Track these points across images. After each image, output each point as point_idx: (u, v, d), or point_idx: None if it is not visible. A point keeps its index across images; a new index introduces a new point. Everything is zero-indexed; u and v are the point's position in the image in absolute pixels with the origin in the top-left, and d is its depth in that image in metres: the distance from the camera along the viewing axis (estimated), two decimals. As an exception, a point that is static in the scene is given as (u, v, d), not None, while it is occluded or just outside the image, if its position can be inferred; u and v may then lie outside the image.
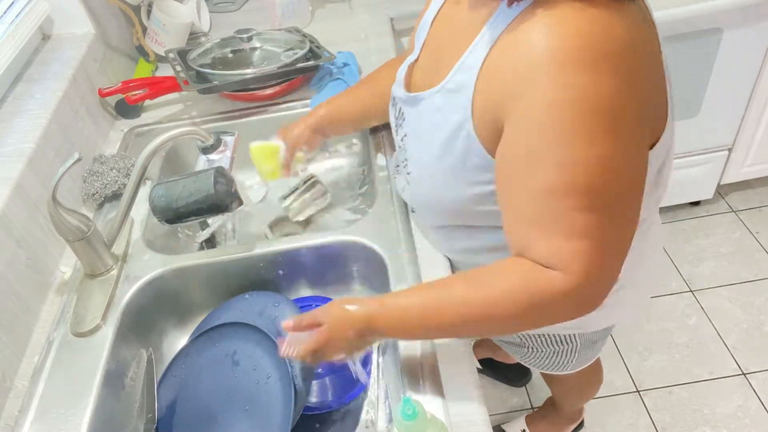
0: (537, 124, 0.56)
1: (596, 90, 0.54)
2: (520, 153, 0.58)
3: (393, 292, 0.78)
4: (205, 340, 0.82)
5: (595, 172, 0.56)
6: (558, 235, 0.58)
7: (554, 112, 0.55)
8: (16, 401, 0.78)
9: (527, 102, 0.56)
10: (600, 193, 0.56)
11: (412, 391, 0.72)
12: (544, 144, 0.56)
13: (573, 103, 0.54)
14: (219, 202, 0.82)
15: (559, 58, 0.53)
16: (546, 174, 0.57)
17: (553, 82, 0.54)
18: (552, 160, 0.56)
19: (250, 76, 1.16)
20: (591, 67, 0.53)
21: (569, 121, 0.54)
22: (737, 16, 1.52)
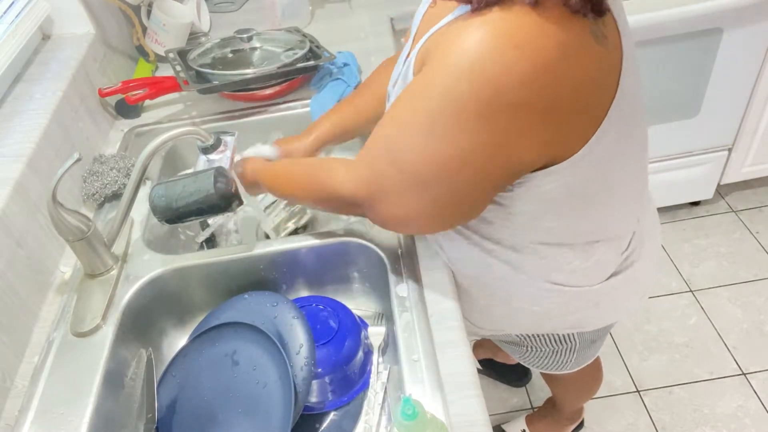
0: (413, 85, 0.65)
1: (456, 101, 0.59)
2: (403, 92, 0.67)
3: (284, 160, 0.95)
4: (205, 340, 0.82)
5: (409, 147, 0.64)
6: (366, 155, 0.71)
7: (420, 87, 0.63)
8: (16, 401, 0.78)
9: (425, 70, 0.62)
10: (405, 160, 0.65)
11: (412, 391, 0.72)
12: (403, 100, 0.65)
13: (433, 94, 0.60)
14: (219, 202, 0.82)
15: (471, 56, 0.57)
16: (389, 119, 0.67)
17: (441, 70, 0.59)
18: (397, 114, 0.66)
19: (250, 76, 1.16)
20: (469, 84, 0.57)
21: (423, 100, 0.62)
22: (737, 16, 1.52)
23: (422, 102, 0.62)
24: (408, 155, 0.65)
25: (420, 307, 0.80)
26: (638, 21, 1.49)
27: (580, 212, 0.74)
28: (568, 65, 0.57)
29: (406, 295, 0.82)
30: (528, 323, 0.94)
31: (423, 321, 0.78)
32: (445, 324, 0.78)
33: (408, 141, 0.64)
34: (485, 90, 0.57)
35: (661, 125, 1.76)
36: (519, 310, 0.89)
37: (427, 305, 0.80)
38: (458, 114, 0.59)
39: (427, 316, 0.79)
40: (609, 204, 0.76)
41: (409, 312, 0.80)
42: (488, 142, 0.60)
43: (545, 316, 0.90)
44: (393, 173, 0.67)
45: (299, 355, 0.79)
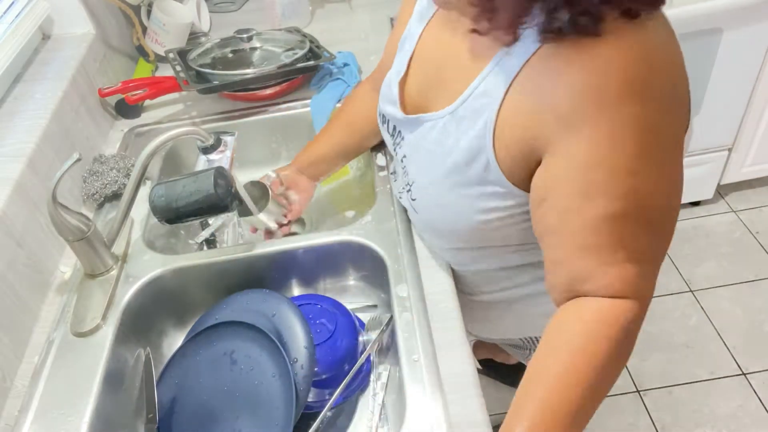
0: (591, 159, 0.56)
1: (645, 124, 0.54)
2: (575, 186, 0.57)
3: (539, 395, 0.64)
4: (202, 339, 0.82)
5: (655, 197, 0.57)
6: (625, 260, 0.58)
7: (608, 148, 0.55)
8: (16, 401, 0.78)
9: (577, 138, 0.55)
10: (659, 217, 0.58)
11: (412, 391, 0.72)
12: (600, 178, 0.56)
13: (625, 139, 0.54)
14: (219, 202, 0.81)
15: (604, 95, 0.54)
16: (610, 203, 0.56)
17: (603, 119, 0.54)
18: (614, 190, 0.56)
19: (250, 76, 1.16)
20: (637, 100, 0.53)
21: (624, 156, 0.55)
22: (737, 16, 1.52)
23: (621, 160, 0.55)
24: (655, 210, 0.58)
25: (420, 307, 0.80)
26: (638, 21, 1.49)
27: None
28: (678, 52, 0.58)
29: (406, 295, 0.82)
30: (538, 329, 0.94)
31: (423, 321, 0.78)
32: (445, 324, 0.78)
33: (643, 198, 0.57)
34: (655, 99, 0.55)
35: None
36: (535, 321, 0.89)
37: (427, 305, 0.80)
38: (654, 136, 0.55)
39: (427, 316, 0.79)
40: None
41: (409, 312, 0.80)
42: (679, 138, 0.58)
43: None
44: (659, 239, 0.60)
45: (299, 354, 0.79)
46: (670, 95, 0.56)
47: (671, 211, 0.60)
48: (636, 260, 0.58)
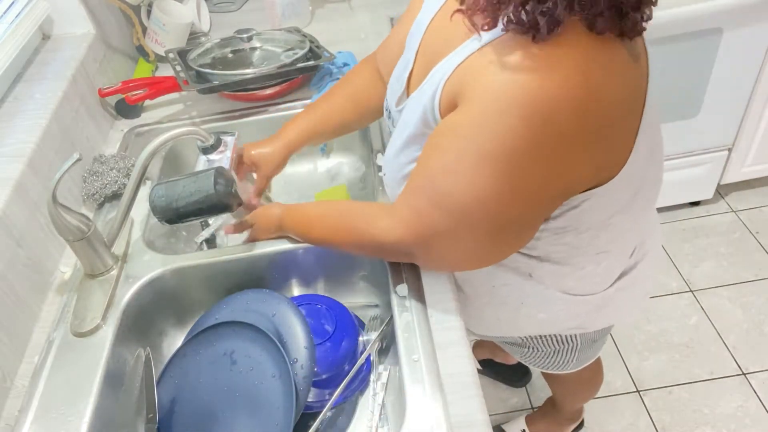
0: (457, 126, 0.61)
1: (513, 143, 0.57)
2: (436, 136, 0.65)
3: (308, 203, 0.92)
4: (202, 340, 0.82)
5: (462, 193, 0.62)
6: (405, 200, 0.70)
7: (472, 131, 0.59)
8: (16, 401, 0.78)
9: (467, 107, 0.60)
10: (454, 207, 0.64)
11: (412, 392, 0.72)
12: (449, 143, 0.62)
13: (489, 138, 0.58)
14: (219, 202, 0.81)
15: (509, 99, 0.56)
16: (432, 163, 0.65)
17: (491, 111, 0.57)
18: (444, 159, 0.63)
19: (250, 76, 1.16)
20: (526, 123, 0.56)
21: (475, 146, 0.59)
22: (737, 16, 1.52)
23: (468, 142, 0.60)
24: (456, 197, 0.63)
25: (420, 307, 0.80)
26: (638, 21, 1.49)
27: (602, 226, 0.74)
28: (612, 89, 0.57)
29: (406, 295, 0.82)
30: (532, 328, 0.94)
31: (423, 321, 0.78)
32: (445, 324, 0.78)
33: (455, 183, 0.62)
34: (537, 123, 0.55)
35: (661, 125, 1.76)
36: (526, 316, 0.89)
37: (427, 305, 0.80)
38: (511, 151, 0.57)
39: (427, 316, 0.79)
40: (629, 216, 0.76)
41: (409, 312, 0.80)
42: (541, 175, 0.60)
43: (549, 321, 0.90)
44: (441, 216, 0.65)
45: (299, 354, 0.79)
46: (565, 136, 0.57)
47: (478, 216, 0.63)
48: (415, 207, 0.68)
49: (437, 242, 0.69)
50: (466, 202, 0.62)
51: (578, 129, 0.57)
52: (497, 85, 0.57)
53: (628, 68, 0.59)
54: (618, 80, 0.58)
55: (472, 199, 0.62)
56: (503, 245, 0.69)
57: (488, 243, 0.67)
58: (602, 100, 0.57)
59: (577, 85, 0.55)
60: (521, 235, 0.69)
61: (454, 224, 0.65)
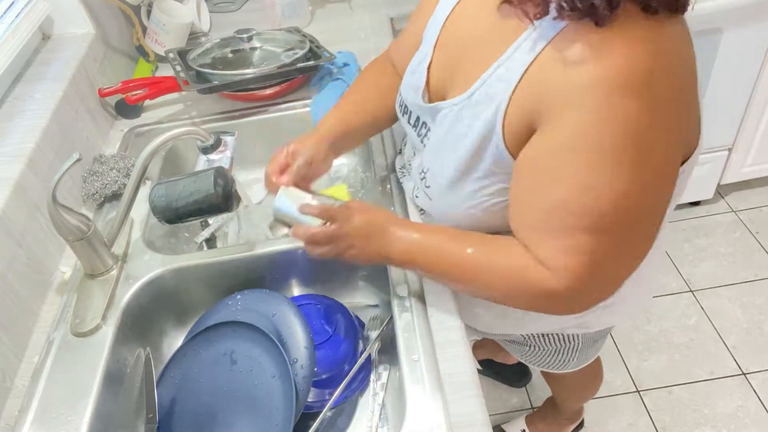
0: (570, 142, 0.57)
1: (636, 122, 0.55)
2: (546, 163, 0.60)
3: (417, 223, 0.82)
4: (202, 340, 0.82)
5: (612, 202, 0.58)
6: (558, 246, 0.62)
7: (589, 137, 0.56)
8: (16, 401, 0.78)
9: (566, 119, 0.57)
10: (612, 220, 0.59)
11: (412, 392, 0.72)
12: (571, 163, 0.58)
13: (610, 132, 0.55)
14: (219, 202, 0.82)
15: (606, 86, 0.54)
16: (565, 191, 0.59)
17: (596, 107, 0.55)
18: (574, 181, 0.58)
19: (250, 76, 1.16)
20: (635, 97, 0.54)
21: (601, 149, 0.56)
22: (737, 16, 1.52)
23: (592, 150, 0.56)
24: (610, 210, 0.58)
25: (420, 307, 0.80)
26: (638, 21, 1.49)
27: None
28: (685, 54, 0.59)
29: (406, 295, 0.82)
30: (536, 327, 0.94)
31: (423, 321, 0.78)
32: (445, 324, 0.78)
33: (601, 198, 0.58)
34: (645, 95, 0.55)
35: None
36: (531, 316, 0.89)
37: (427, 305, 0.80)
38: (636, 133, 0.56)
39: (427, 316, 0.79)
40: None
41: (409, 312, 0.80)
42: (668, 143, 0.59)
43: (554, 320, 0.90)
44: (605, 239, 0.60)
45: (299, 354, 0.79)
46: (668, 99, 0.56)
47: (636, 219, 0.60)
48: (569, 251, 0.61)
49: (609, 269, 0.64)
50: (621, 208, 0.58)
51: (678, 91, 0.57)
52: (588, 78, 0.55)
53: (689, 39, 0.60)
54: (688, 48, 0.59)
55: (625, 202, 0.58)
56: (654, 234, 0.65)
57: (647, 238, 0.64)
58: (683, 65, 0.58)
59: (660, 53, 0.55)
60: (662, 217, 0.65)
61: (619, 239, 0.61)
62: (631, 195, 0.58)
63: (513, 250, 0.67)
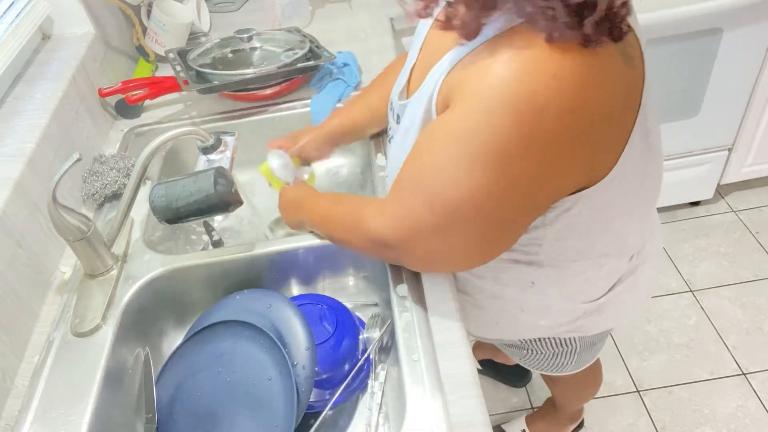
0: (450, 127, 0.62)
1: (506, 137, 0.57)
2: (428, 137, 0.66)
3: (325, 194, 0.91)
4: (200, 339, 0.82)
5: (453, 190, 0.62)
6: (399, 197, 0.70)
7: (464, 131, 0.60)
8: (16, 401, 0.78)
9: (457, 109, 0.61)
10: (446, 206, 0.63)
11: (412, 392, 0.72)
12: (443, 144, 0.62)
13: (481, 135, 0.58)
14: (219, 202, 0.82)
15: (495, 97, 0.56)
16: (429, 163, 0.64)
17: (480, 110, 0.58)
18: (439, 158, 0.63)
19: (250, 76, 1.16)
20: (515, 118, 0.56)
21: (468, 144, 0.59)
22: (737, 16, 1.52)
23: (459, 143, 0.60)
24: (447, 196, 0.63)
25: (420, 307, 0.80)
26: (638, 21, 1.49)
27: (603, 229, 0.74)
28: (601, 89, 0.57)
29: (406, 295, 0.82)
30: (532, 332, 0.95)
31: (423, 321, 0.78)
32: (445, 324, 0.78)
33: (446, 182, 0.62)
34: (528, 122, 0.55)
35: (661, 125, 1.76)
36: (526, 322, 0.90)
37: (427, 305, 0.80)
38: (501, 150, 0.58)
39: (427, 316, 0.79)
40: (630, 218, 0.76)
41: (409, 312, 0.80)
42: (532, 174, 0.60)
43: (549, 326, 0.91)
44: (430, 215, 0.65)
45: (300, 355, 0.79)
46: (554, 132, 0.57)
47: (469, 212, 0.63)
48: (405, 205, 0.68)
49: (425, 241, 0.68)
50: (457, 201, 0.62)
51: (567, 129, 0.57)
52: (486, 85, 0.57)
53: (618, 69, 0.59)
54: (608, 81, 0.58)
55: (463, 198, 0.62)
56: (491, 245, 0.69)
57: (476, 243, 0.67)
58: (591, 99, 0.57)
59: (566, 85, 0.55)
60: (509, 235, 0.68)
61: (443, 223, 0.65)
62: (471, 198, 0.61)
63: (366, 202, 0.78)
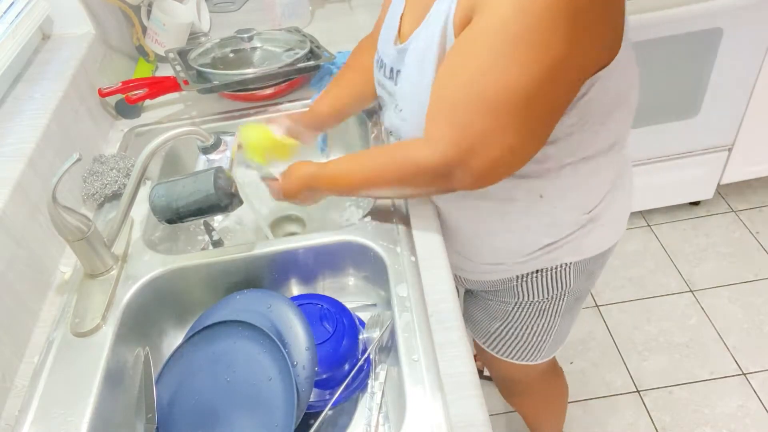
0: (482, 30, 0.64)
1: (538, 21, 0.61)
2: (461, 48, 0.68)
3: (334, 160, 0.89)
4: (200, 339, 0.82)
5: (500, 86, 0.64)
6: (445, 120, 0.70)
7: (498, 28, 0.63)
8: (16, 401, 0.78)
9: (487, 11, 0.64)
10: (495, 102, 0.65)
11: (412, 392, 0.72)
12: (479, 47, 0.65)
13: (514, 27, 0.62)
14: (219, 202, 0.82)
15: None
16: (468, 75, 0.66)
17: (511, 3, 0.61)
18: (476, 64, 0.65)
19: (250, 76, 1.16)
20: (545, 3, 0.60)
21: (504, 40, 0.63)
22: (737, 16, 1.52)
23: (497, 37, 0.63)
24: (501, 93, 0.64)
25: (420, 307, 0.80)
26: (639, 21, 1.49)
27: (605, 118, 0.78)
28: None
29: (406, 295, 0.82)
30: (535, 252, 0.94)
31: (423, 321, 0.78)
32: (445, 324, 0.78)
33: (497, 80, 0.64)
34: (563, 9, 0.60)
35: (661, 125, 1.76)
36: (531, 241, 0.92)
37: (427, 305, 0.80)
38: (541, 31, 0.61)
39: (427, 316, 0.79)
40: (623, 111, 0.80)
41: (409, 312, 0.80)
42: (571, 48, 0.63)
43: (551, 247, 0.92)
44: (489, 120, 0.66)
45: (300, 356, 0.79)
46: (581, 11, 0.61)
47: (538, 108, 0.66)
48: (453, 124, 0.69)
49: (486, 150, 0.69)
50: (512, 94, 0.64)
51: (593, 3, 0.62)
52: None
53: None
54: None
55: (517, 89, 0.64)
56: (543, 132, 0.71)
57: (532, 133, 0.69)
58: None
59: None
60: (550, 126, 0.71)
61: (504, 122, 0.66)
62: (523, 87, 0.64)
63: (402, 143, 0.78)
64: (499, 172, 0.74)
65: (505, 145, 0.68)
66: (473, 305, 1.14)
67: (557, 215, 0.87)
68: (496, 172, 0.74)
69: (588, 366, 1.69)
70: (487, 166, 0.71)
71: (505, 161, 0.71)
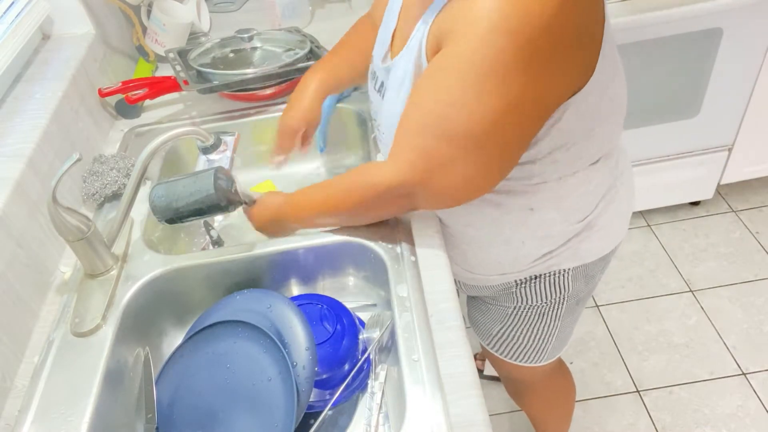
0: (450, 62, 0.66)
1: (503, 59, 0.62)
2: (428, 78, 0.70)
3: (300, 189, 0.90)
4: (200, 339, 0.82)
5: (465, 118, 0.66)
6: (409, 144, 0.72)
7: (464, 61, 0.64)
8: (16, 401, 0.78)
9: (454, 44, 0.66)
10: (460, 134, 0.67)
11: (412, 392, 0.72)
12: (444, 79, 0.67)
13: (480, 61, 0.63)
14: (219, 202, 0.82)
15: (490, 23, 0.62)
16: (432, 102, 0.68)
17: (478, 37, 0.63)
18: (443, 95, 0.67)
19: (250, 76, 1.16)
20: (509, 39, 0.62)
21: (470, 73, 0.64)
22: (737, 16, 1.52)
23: (466, 71, 0.64)
24: (458, 123, 0.67)
25: (420, 307, 0.80)
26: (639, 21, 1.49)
27: (587, 137, 0.78)
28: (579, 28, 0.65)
29: (406, 295, 0.82)
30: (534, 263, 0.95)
31: (423, 321, 0.78)
32: (445, 324, 0.78)
33: (461, 112, 0.66)
34: (522, 37, 0.61)
35: (661, 125, 1.76)
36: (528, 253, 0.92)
37: (427, 305, 0.80)
38: (504, 68, 0.63)
39: (427, 316, 0.79)
40: (607, 125, 0.80)
41: (409, 312, 0.80)
42: (533, 85, 0.65)
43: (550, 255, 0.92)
44: (442, 146, 0.69)
45: (300, 356, 0.79)
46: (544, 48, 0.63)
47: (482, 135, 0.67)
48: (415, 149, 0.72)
49: (443, 175, 0.71)
50: (475, 127, 0.66)
51: (557, 37, 0.63)
52: (477, 16, 0.63)
53: None
54: None
55: (474, 121, 0.66)
56: (502, 166, 0.73)
57: (490, 166, 0.71)
58: (572, 8, 0.63)
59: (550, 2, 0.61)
60: (515, 156, 0.73)
61: (463, 153, 0.68)
62: (487, 121, 0.66)
63: (363, 167, 0.80)
64: (458, 197, 0.77)
65: (462, 174, 0.71)
66: (475, 308, 1.14)
67: (550, 227, 0.88)
68: (455, 196, 0.76)
69: (588, 366, 1.69)
70: (445, 190, 0.74)
71: (464, 188, 0.74)
